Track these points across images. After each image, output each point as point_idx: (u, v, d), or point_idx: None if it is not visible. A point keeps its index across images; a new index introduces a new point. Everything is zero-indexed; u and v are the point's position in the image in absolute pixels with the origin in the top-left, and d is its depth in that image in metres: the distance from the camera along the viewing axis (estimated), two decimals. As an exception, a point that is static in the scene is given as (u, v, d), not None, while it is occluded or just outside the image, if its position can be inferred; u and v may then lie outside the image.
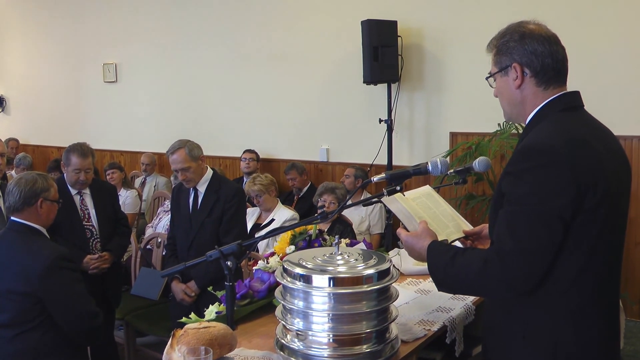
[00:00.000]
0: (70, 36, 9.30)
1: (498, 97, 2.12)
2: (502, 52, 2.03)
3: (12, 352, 3.01)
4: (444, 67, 5.93)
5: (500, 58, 2.04)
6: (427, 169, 2.29)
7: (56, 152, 9.67)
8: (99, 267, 4.11)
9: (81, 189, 4.21)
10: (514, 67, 1.99)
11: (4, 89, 10.63)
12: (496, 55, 2.06)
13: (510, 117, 2.13)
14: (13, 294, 2.99)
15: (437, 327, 2.46)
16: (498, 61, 2.05)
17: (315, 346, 2.04)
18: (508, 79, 2.03)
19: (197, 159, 3.86)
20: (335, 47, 6.50)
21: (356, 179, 5.91)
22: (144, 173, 7.74)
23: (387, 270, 2.10)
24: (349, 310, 2.02)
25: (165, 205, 6.14)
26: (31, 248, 3.07)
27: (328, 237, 2.81)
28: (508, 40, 2.01)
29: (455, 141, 5.85)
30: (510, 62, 2.00)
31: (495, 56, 2.07)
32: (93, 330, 3.19)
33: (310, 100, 6.79)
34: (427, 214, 2.31)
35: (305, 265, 2.07)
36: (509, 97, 2.06)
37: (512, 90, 2.03)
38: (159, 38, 8.13)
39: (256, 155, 6.86)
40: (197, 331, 1.88)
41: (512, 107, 2.07)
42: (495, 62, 2.07)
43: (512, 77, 2.01)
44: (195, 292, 3.88)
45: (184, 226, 3.97)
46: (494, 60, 2.08)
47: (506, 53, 2.02)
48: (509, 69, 2.01)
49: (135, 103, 8.56)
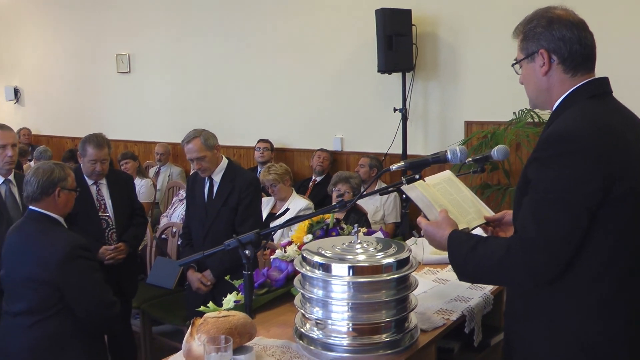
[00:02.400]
0: (83, 27, 9.32)
1: (524, 84, 2.07)
2: (528, 38, 1.99)
3: (30, 339, 3.03)
4: (459, 56, 5.88)
5: (527, 44, 2.00)
6: (447, 157, 2.27)
7: (70, 142, 9.71)
8: (114, 257, 4.12)
9: (97, 180, 4.21)
10: (540, 54, 1.95)
11: (19, 80, 10.68)
12: (523, 41, 2.01)
13: (536, 104, 2.08)
14: (31, 282, 3.01)
15: (456, 316, 2.44)
16: (524, 47, 2.01)
17: (334, 335, 2.03)
18: (535, 65, 1.99)
19: (213, 148, 3.85)
20: (349, 36, 6.47)
21: (371, 168, 5.89)
22: (158, 163, 7.76)
23: (407, 259, 2.09)
24: (368, 299, 2.01)
25: (180, 195, 6.15)
26: (49, 237, 3.08)
27: (345, 226, 2.80)
28: (535, 26, 1.97)
29: (470, 130, 5.81)
30: (537, 48, 1.96)
31: (521, 42, 2.02)
32: (110, 319, 3.22)
33: (324, 90, 6.77)
34: (447, 200, 2.29)
35: (325, 254, 2.06)
36: (535, 84, 2.02)
37: (539, 77, 1.99)
38: (172, 28, 8.12)
39: (270, 144, 6.85)
40: (217, 320, 1.87)
41: (538, 94, 2.03)
42: (522, 49, 2.02)
43: (539, 63, 1.97)
44: (211, 281, 3.88)
45: (199, 215, 3.97)
46: (520, 47, 2.03)
47: (533, 39, 1.97)
48: (535, 56, 1.97)
49: (149, 93, 8.57)
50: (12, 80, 10.78)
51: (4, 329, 3.16)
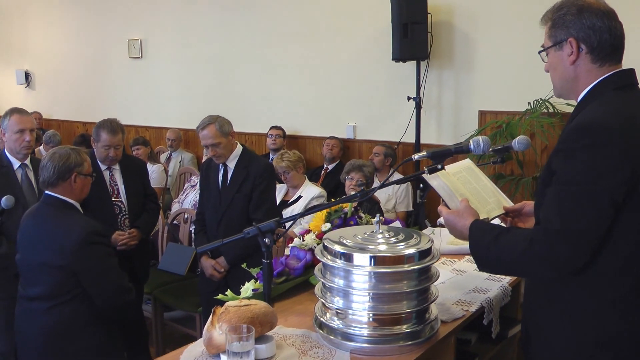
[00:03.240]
0: (95, 12, 9.29)
1: (549, 72, 2.04)
2: (557, 26, 1.95)
3: (46, 323, 3.04)
4: (474, 45, 5.83)
5: (556, 32, 1.96)
6: (469, 147, 2.24)
7: (81, 127, 9.72)
8: (127, 243, 4.11)
9: (111, 165, 4.20)
10: (569, 42, 1.92)
11: (30, 64, 10.67)
12: (551, 28, 1.97)
13: (561, 93, 2.05)
14: (48, 267, 3.01)
15: (475, 307, 2.43)
16: (553, 35, 1.97)
17: (355, 325, 2.02)
18: (562, 53, 1.95)
19: (228, 135, 3.83)
20: (364, 24, 6.41)
21: (385, 157, 5.88)
22: (169, 149, 7.76)
23: (429, 250, 2.07)
24: (389, 289, 2.00)
25: (192, 181, 6.15)
26: (65, 222, 3.07)
27: (364, 215, 2.78)
28: (565, 14, 1.93)
29: (484, 120, 5.76)
30: (566, 36, 1.93)
31: (550, 29, 1.98)
32: (125, 305, 3.21)
33: (337, 77, 6.72)
34: (467, 189, 2.27)
35: (346, 243, 2.04)
36: (561, 73, 1.99)
37: (566, 65, 1.95)
38: (184, 14, 8.08)
39: (282, 131, 6.82)
40: (238, 309, 1.86)
41: (564, 83, 2.00)
42: (550, 36, 1.98)
43: (567, 52, 1.93)
44: (225, 267, 3.87)
45: (213, 202, 3.95)
46: (548, 34, 1.99)
47: (562, 27, 1.93)
48: (563, 44, 1.94)
49: (161, 79, 8.55)
50: (23, 64, 10.78)
51: (20, 313, 3.17)
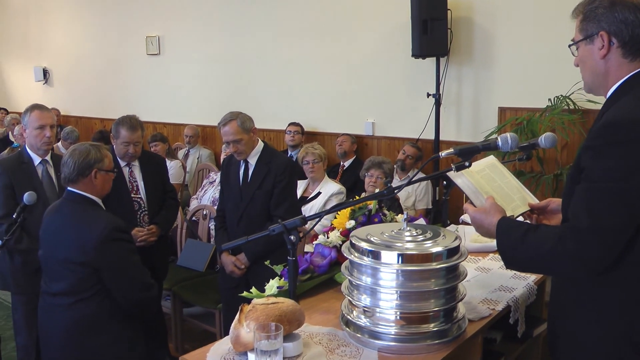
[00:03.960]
0: (113, 9, 9.32)
1: (579, 66, 2.01)
2: (589, 19, 1.92)
3: (69, 318, 3.04)
4: (494, 41, 5.78)
5: (587, 25, 1.93)
6: (497, 144, 2.21)
7: (99, 123, 9.76)
8: (146, 240, 4.11)
9: (130, 161, 4.20)
10: (600, 36, 1.89)
11: (48, 61, 10.74)
12: (582, 21, 1.94)
13: (591, 88, 2.02)
14: (70, 263, 3.01)
15: (501, 306, 2.41)
16: (584, 28, 1.94)
17: (382, 323, 2.01)
18: (593, 47, 1.92)
19: (249, 131, 3.82)
20: (384, 20, 6.37)
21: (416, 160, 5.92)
22: (187, 145, 7.77)
23: (457, 248, 2.05)
24: (417, 287, 1.98)
25: (210, 177, 6.15)
26: (87, 218, 3.07)
27: (388, 212, 2.76)
28: (597, 7, 1.90)
29: (503, 116, 5.72)
30: (597, 30, 1.89)
31: (580, 23, 1.95)
32: (147, 301, 3.21)
33: (356, 73, 6.69)
34: (491, 187, 2.25)
35: (374, 240, 2.02)
36: (591, 67, 1.95)
37: (596, 60, 1.92)
38: (202, 10, 8.08)
39: (301, 128, 6.80)
40: (266, 307, 1.84)
41: (594, 77, 1.97)
42: (581, 29, 1.95)
43: (598, 46, 1.90)
44: (245, 264, 3.86)
45: (234, 198, 3.94)
46: (579, 27, 1.96)
47: (594, 20, 1.90)
48: (595, 37, 1.90)
49: (178, 75, 8.55)
50: (41, 61, 10.84)
51: (43, 308, 3.18)
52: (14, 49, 11.49)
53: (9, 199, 3.83)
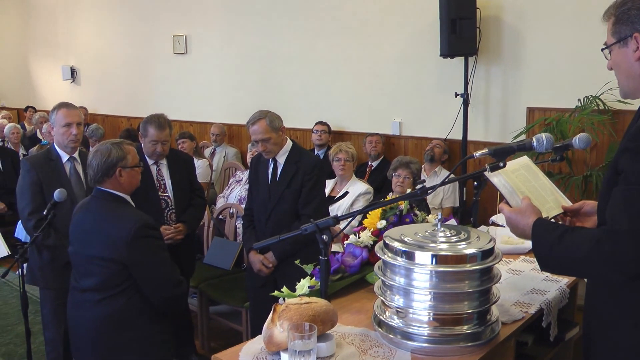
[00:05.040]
0: (140, 8, 9.39)
1: (613, 70, 1.97)
2: (621, 21, 1.88)
3: (98, 314, 3.07)
4: (523, 40, 5.72)
5: (620, 27, 1.89)
6: (532, 145, 2.19)
7: (126, 122, 9.84)
8: (173, 238, 4.13)
9: (158, 160, 4.22)
10: (635, 38, 1.85)
11: (75, 60, 10.85)
12: (615, 24, 1.91)
13: (627, 92, 1.97)
14: (100, 260, 3.03)
15: (534, 309, 2.38)
16: (617, 31, 1.90)
17: (415, 324, 1.99)
18: (627, 50, 1.88)
19: (278, 130, 3.81)
20: (412, 19, 6.34)
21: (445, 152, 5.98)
22: (213, 143, 7.80)
23: (491, 250, 2.02)
24: (451, 289, 1.96)
25: (237, 176, 6.16)
26: (116, 216, 3.09)
27: (419, 212, 2.74)
28: (630, 8, 1.86)
29: (532, 117, 5.66)
30: (631, 32, 1.86)
31: (613, 25, 1.91)
32: (176, 298, 3.22)
33: (383, 73, 6.66)
34: (526, 188, 2.22)
35: (407, 241, 2.00)
36: (626, 71, 1.91)
37: (631, 62, 1.88)
38: (229, 9, 8.12)
39: (328, 127, 6.78)
40: (300, 307, 1.83)
41: (630, 80, 1.93)
42: (613, 32, 1.92)
43: (632, 48, 1.87)
44: (273, 263, 3.86)
45: (262, 197, 3.94)
46: (612, 30, 1.92)
47: (627, 22, 1.87)
48: (628, 40, 1.87)
49: (205, 74, 8.59)
50: (68, 60, 10.97)
51: (73, 304, 3.21)
52: (42, 48, 11.65)
53: (37, 196, 3.88)
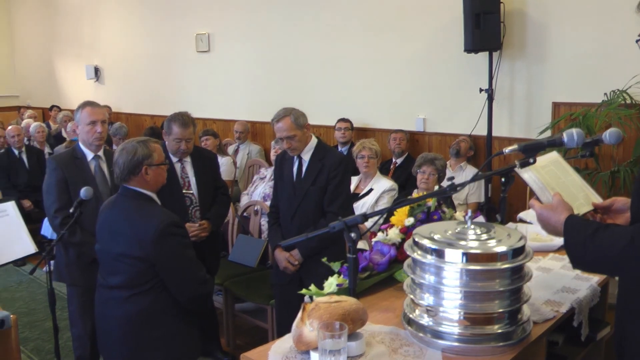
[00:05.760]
0: (163, 7, 9.44)
1: None
2: None
3: (126, 311, 3.09)
4: (547, 34, 5.65)
5: None
6: (562, 140, 2.15)
7: (149, 120, 9.89)
8: (197, 235, 4.14)
9: (182, 158, 4.24)
10: None
11: (99, 59, 10.93)
12: None
13: None
14: (127, 258, 3.05)
15: (565, 308, 2.33)
16: None
17: (445, 323, 1.96)
18: None
19: (303, 127, 3.80)
20: (435, 14, 6.30)
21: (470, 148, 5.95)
22: (237, 141, 7.81)
23: (522, 248, 1.99)
24: (482, 287, 1.93)
25: (261, 173, 6.17)
26: (143, 214, 3.10)
27: (447, 209, 2.71)
28: None
29: (557, 112, 5.59)
30: None
31: None
32: (202, 296, 3.23)
33: (406, 69, 6.62)
34: (556, 184, 2.18)
35: (437, 238, 1.98)
36: None
37: None
38: (251, 7, 8.12)
39: (350, 124, 6.75)
40: (329, 305, 1.82)
41: None
42: None
43: None
44: (299, 260, 3.86)
45: (287, 195, 3.93)
46: None
47: None
48: None
49: (228, 72, 8.61)
50: (92, 59, 11.05)
51: (100, 301, 3.24)
52: (67, 48, 11.75)
53: (63, 194, 3.91)
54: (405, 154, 6.31)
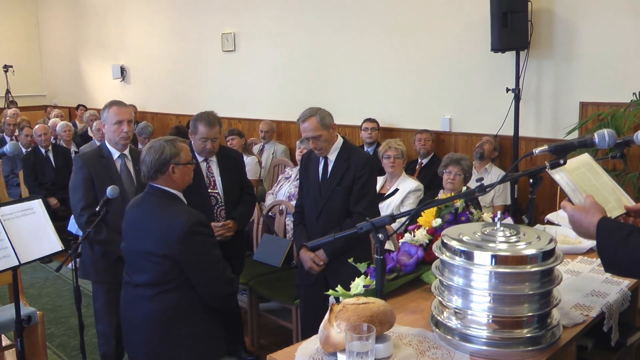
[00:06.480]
0: (189, 7, 9.49)
1: None
2: None
3: (151, 310, 3.10)
4: (575, 33, 5.57)
5: None
6: (594, 141, 2.12)
7: (174, 119, 9.96)
8: (222, 235, 4.14)
9: (208, 157, 4.25)
10: None
11: (125, 59, 11.03)
12: None
13: None
14: (153, 256, 3.06)
15: (595, 313, 2.30)
16: None
17: (474, 326, 1.94)
18: None
19: (329, 127, 3.79)
20: (462, 13, 6.25)
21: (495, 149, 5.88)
22: (262, 140, 7.82)
23: (552, 251, 1.96)
24: (511, 290, 1.90)
25: (286, 173, 6.17)
26: (169, 212, 3.11)
27: (475, 210, 2.69)
28: None
29: (585, 112, 5.52)
30: None
31: None
32: (227, 296, 3.24)
33: (433, 68, 6.57)
34: (587, 186, 2.15)
35: (466, 240, 1.96)
36: None
37: None
38: (277, 7, 8.13)
39: (377, 124, 6.72)
40: (357, 307, 1.81)
41: None
42: None
43: None
44: (324, 261, 3.84)
45: (313, 195, 3.92)
46: None
47: None
48: None
49: (253, 72, 8.63)
50: (118, 59, 11.16)
51: (125, 299, 3.26)
52: (93, 48, 11.88)
53: (89, 192, 3.95)
54: (430, 154, 6.27)
